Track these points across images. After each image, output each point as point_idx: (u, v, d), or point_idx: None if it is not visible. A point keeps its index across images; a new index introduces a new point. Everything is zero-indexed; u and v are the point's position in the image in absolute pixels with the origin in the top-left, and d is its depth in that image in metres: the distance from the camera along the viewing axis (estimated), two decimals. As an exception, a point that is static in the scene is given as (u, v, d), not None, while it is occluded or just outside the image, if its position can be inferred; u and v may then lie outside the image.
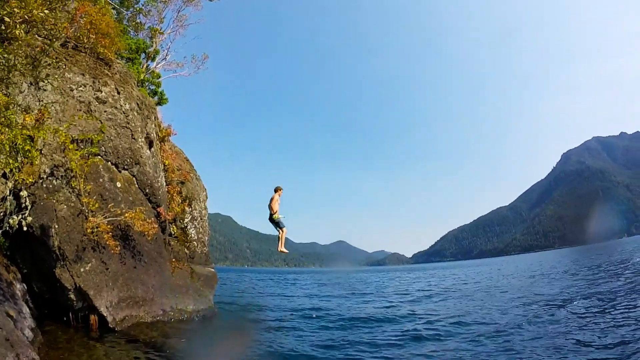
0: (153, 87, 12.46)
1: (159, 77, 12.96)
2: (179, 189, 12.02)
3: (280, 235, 14.64)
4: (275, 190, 15.32)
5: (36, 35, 5.93)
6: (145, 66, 12.49)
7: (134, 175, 8.73)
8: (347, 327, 8.82)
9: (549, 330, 7.03)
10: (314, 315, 10.56)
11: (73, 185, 6.64)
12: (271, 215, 15.07)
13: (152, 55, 12.92)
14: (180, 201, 11.85)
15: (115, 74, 8.72)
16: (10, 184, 5.58)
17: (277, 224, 15.12)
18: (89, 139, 7.35)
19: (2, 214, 5.62)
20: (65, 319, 6.81)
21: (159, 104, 12.55)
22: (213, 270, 12.85)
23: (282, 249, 14.13)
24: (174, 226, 11.42)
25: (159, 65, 13.56)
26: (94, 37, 8.20)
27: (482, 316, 9.32)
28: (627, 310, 7.87)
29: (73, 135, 6.93)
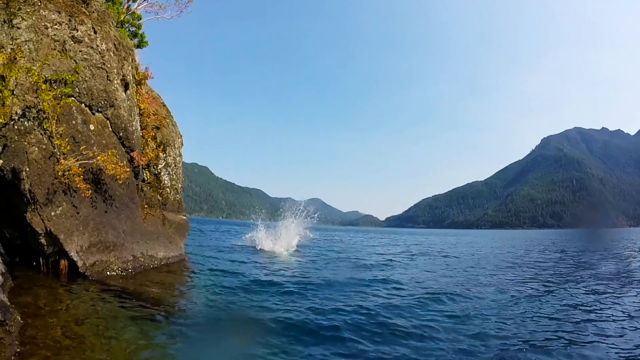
0: (133, 29, 11.92)
1: (140, 18, 12.35)
2: (153, 133, 11.94)
3: None
4: None
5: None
6: (126, 6, 11.85)
7: (107, 118, 8.67)
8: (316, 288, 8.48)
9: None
10: (287, 274, 10.50)
11: (45, 127, 6.64)
12: None
13: (133, -5, 12.24)
14: (154, 146, 11.84)
15: (93, 12, 8.36)
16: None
17: None
18: (62, 79, 7.22)
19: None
20: (35, 264, 7.10)
21: (138, 46, 12.10)
22: (185, 218, 13.19)
23: None
24: (147, 172, 11.51)
25: (141, 6, 12.87)
26: (71, -29, 7.76)
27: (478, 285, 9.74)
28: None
29: (46, 75, 6.82)
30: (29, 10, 6.85)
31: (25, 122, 6.50)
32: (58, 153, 6.78)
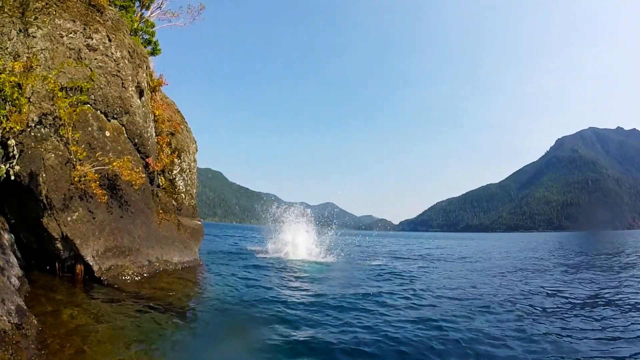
0: (147, 37, 12.11)
1: (153, 26, 12.56)
2: (168, 139, 12.05)
3: None
4: None
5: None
6: (139, 14, 12.06)
7: (123, 125, 8.77)
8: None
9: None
10: (307, 282, 10.00)
11: (61, 134, 6.72)
12: None
13: (146, 4, 12.43)
14: (169, 152, 11.94)
15: (107, 20, 8.49)
16: (-2, 132, 5.65)
17: None
18: (78, 86, 7.33)
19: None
20: (48, 267, 7.18)
21: (152, 54, 12.27)
22: (200, 223, 13.22)
23: None
24: (162, 177, 11.60)
25: (154, 14, 13.10)
26: (85, -19, 7.91)
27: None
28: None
29: (62, 83, 6.92)
30: (44, 19, 6.98)
31: (42, 129, 6.59)
32: (74, 159, 6.85)
